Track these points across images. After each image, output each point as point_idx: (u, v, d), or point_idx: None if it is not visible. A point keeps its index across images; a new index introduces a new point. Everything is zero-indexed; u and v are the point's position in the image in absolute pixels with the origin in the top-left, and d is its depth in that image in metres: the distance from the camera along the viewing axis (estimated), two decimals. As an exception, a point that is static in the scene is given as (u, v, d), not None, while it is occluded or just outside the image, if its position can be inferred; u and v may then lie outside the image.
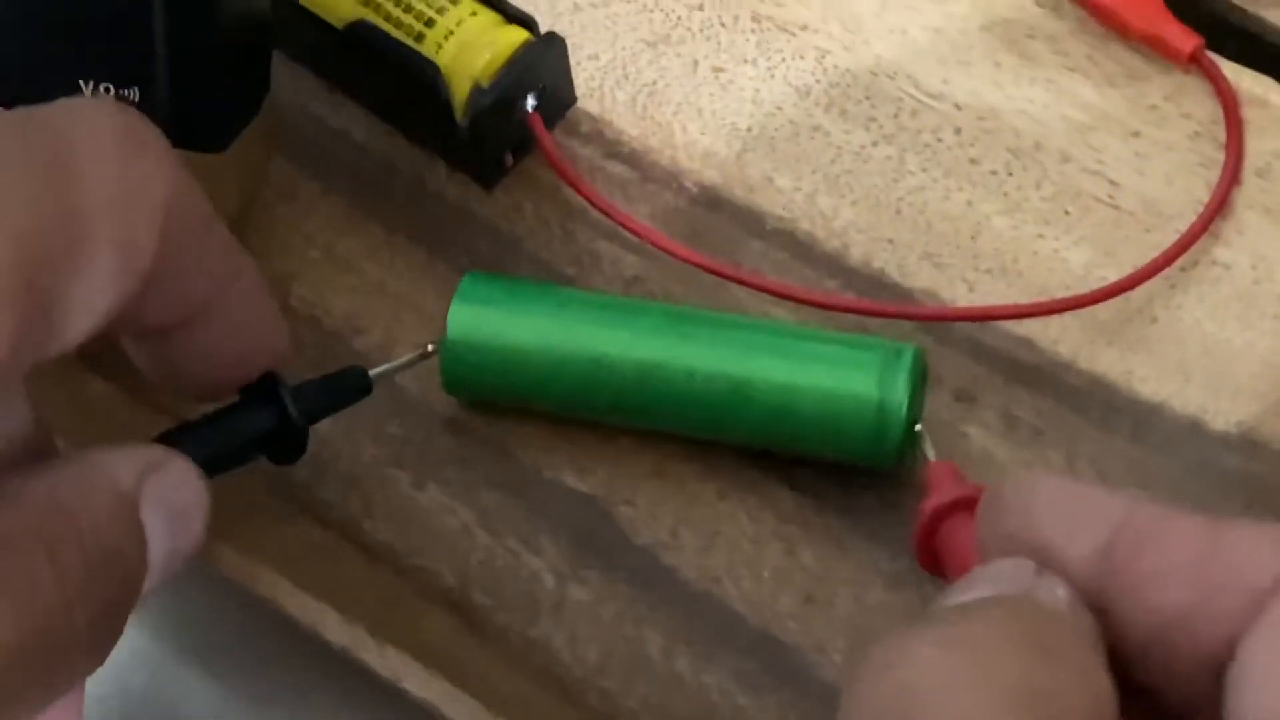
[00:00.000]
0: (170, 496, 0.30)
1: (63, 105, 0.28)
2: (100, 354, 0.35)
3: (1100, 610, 0.24)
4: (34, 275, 0.26)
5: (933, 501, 0.34)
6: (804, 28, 0.42)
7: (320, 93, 0.43)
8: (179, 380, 0.33)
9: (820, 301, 0.38)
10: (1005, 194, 0.40)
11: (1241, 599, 0.23)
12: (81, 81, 0.34)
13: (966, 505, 0.34)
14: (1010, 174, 0.40)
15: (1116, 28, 0.41)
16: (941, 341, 0.38)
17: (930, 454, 0.35)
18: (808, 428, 0.36)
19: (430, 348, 0.37)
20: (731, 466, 0.37)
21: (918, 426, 0.36)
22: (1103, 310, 0.38)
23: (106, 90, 0.34)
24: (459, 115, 0.40)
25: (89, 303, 0.27)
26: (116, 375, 0.38)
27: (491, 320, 0.37)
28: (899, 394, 0.35)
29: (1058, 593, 0.24)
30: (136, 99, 0.34)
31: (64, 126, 0.28)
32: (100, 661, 0.28)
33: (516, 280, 0.39)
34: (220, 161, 0.36)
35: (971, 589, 0.24)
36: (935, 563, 0.34)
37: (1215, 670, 0.23)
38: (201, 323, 0.31)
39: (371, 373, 0.35)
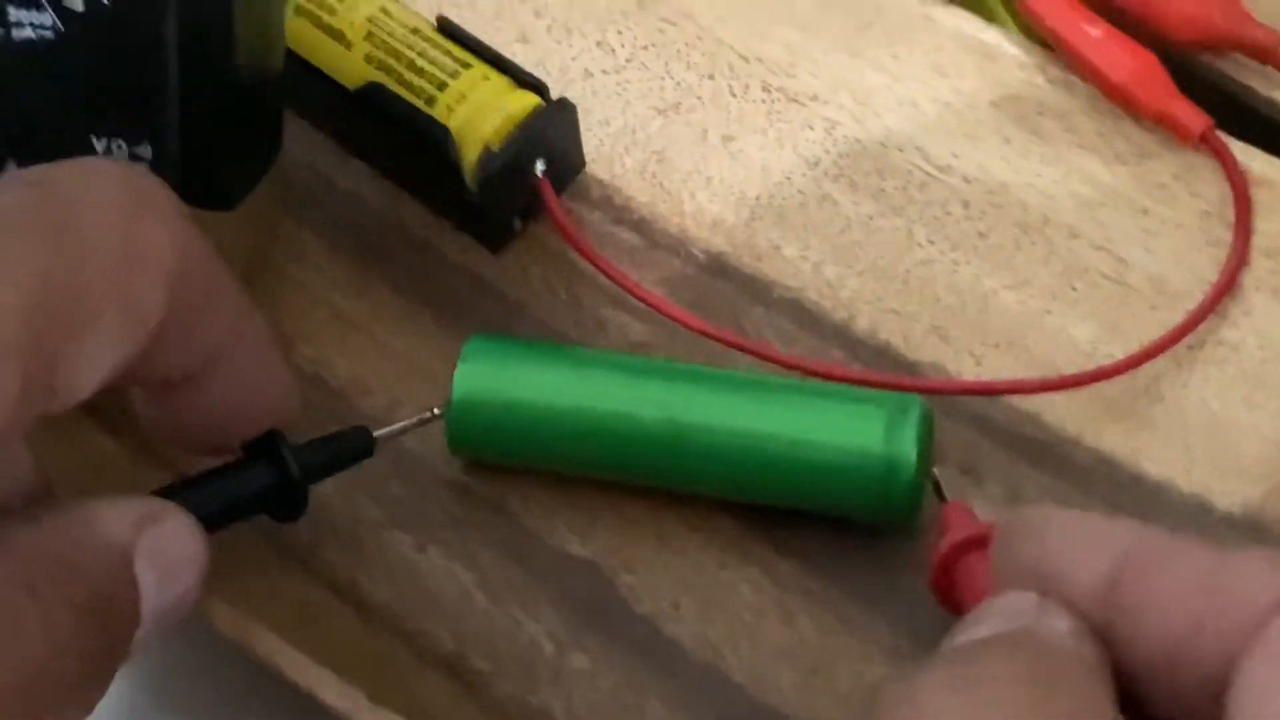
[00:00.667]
0: (165, 550, 0.29)
1: (72, 166, 0.29)
2: (104, 408, 0.35)
3: (1108, 637, 0.24)
4: (40, 338, 0.26)
5: (948, 539, 0.34)
6: (814, 98, 0.42)
7: (330, 153, 0.43)
8: (183, 434, 0.33)
9: (826, 372, 0.38)
10: (1013, 269, 0.40)
11: (1241, 620, 0.23)
12: (94, 137, 0.34)
13: (980, 543, 0.34)
14: (1018, 249, 0.40)
15: (1127, 106, 0.41)
16: (947, 415, 0.38)
17: (945, 495, 0.36)
18: (815, 484, 0.36)
19: (435, 411, 0.37)
20: (734, 534, 0.37)
21: (934, 469, 0.36)
22: (1109, 387, 0.38)
23: (119, 146, 0.34)
24: (469, 179, 0.40)
25: (93, 362, 0.28)
26: (120, 431, 0.38)
27: (497, 381, 0.37)
28: (907, 449, 0.35)
29: (1058, 625, 0.25)
30: (149, 155, 0.34)
31: (73, 188, 0.28)
32: (87, 712, 0.28)
33: (521, 341, 0.38)
34: (230, 219, 0.36)
35: (977, 626, 0.25)
36: (952, 600, 0.35)
37: (1218, 694, 0.23)
38: (207, 378, 0.31)
39: (376, 434, 0.35)
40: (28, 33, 0.33)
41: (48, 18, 0.33)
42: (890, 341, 0.39)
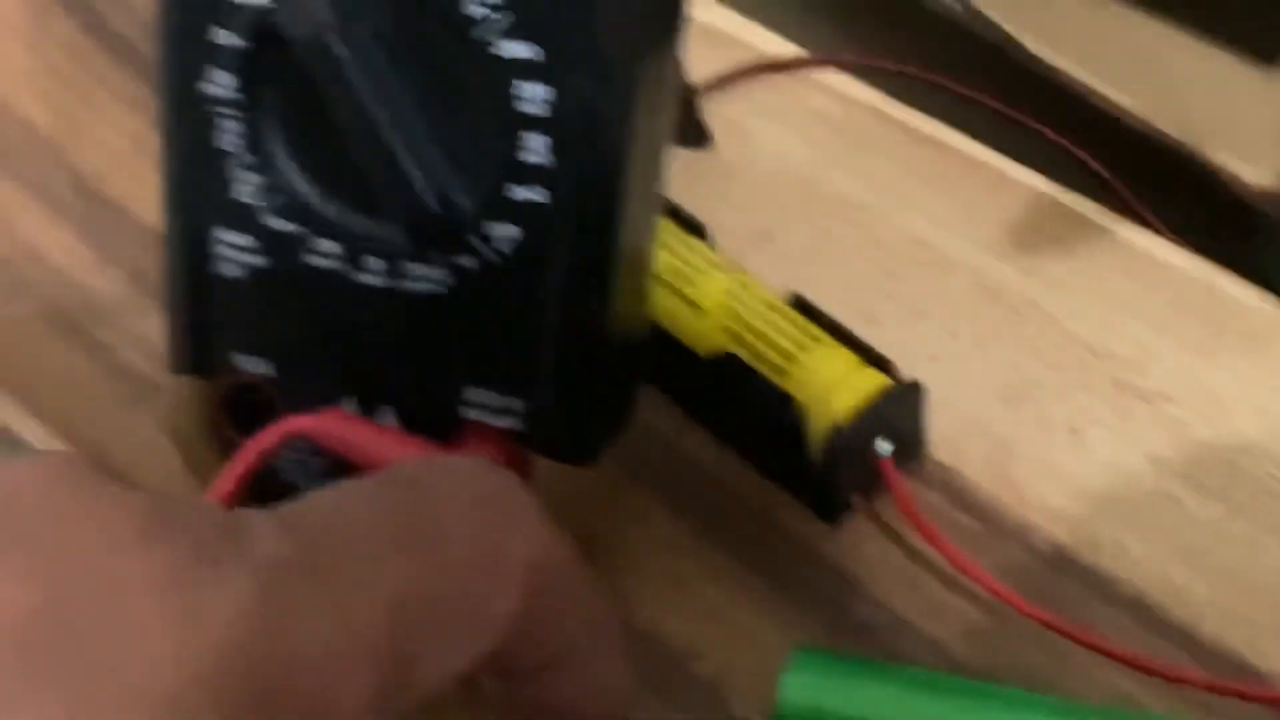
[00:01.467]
0: None
1: (440, 468, 0.30)
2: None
3: None
4: (398, 644, 0.27)
5: None
6: (1165, 398, 0.42)
7: (672, 417, 0.44)
8: (516, 713, 0.33)
9: (1169, 674, 0.37)
10: (1368, 583, 0.39)
11: None
12: (467, 387, 0.35)
13: None
14: (1374, 564, 0.39)
15: None
16: (1296, 729, 0.37)
17: None
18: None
19: None
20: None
21: None
22: None
23: (490, 394, 0.35)
24: (813, 452, 0.40)
25: (444, 663, 0.28)
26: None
27: (822, 699, 0.36)
28: None
29: None
30: (519, 408, 0.35)
31: (439, 493, 0.29)
32: None
33: (845, 657, 0.38)
34: (585, 475, 0.37)
35: None
36: None
37: None
38: (551, 673, 0.31)
39: None
40: (422, 286, 0.35)
41: (443, 274, 0.34)
42: (1237, 648, 0.38)
